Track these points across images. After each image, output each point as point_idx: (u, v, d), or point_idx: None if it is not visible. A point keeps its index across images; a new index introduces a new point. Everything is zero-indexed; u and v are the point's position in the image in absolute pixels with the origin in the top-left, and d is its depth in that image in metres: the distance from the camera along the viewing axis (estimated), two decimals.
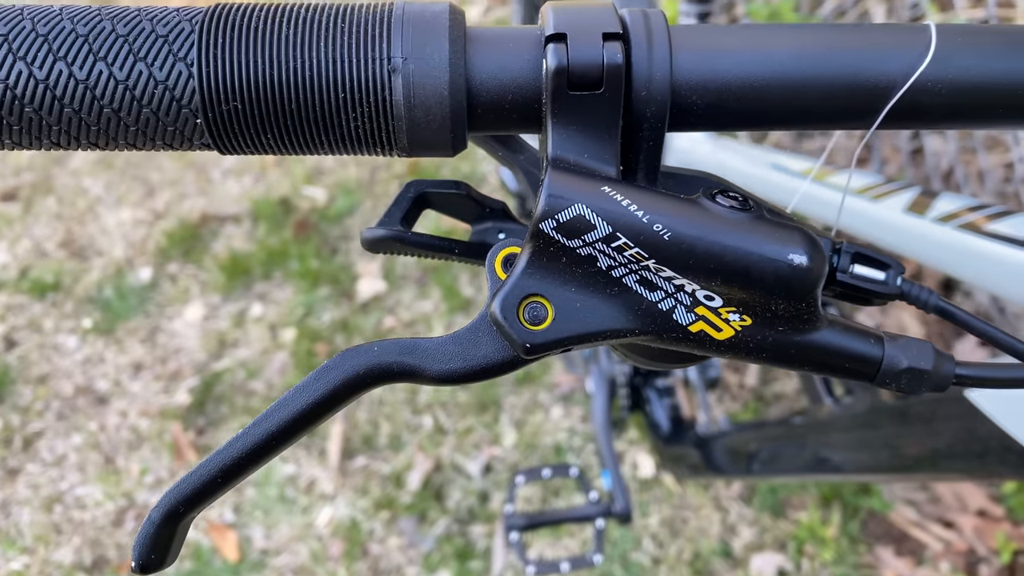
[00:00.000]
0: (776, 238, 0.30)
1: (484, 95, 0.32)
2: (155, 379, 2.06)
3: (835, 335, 0.33)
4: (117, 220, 2.43)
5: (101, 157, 2.62)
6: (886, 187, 0.81)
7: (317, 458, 1.86)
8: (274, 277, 2.20)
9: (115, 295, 2.23)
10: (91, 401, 2.04)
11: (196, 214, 2.39)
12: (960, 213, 0.72)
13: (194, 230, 2.35)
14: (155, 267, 2.28)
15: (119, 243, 2.36)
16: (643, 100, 0.31)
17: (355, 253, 2.23)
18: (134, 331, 2.16)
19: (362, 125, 0.31)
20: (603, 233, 0.31)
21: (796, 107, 0.33)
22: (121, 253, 2.34)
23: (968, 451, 0.72)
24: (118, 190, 2.51)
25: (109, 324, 2.18)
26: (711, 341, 0.33)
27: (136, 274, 2.28)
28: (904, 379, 0.33)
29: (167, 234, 2.34)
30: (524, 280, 0.32)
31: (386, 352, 0.33)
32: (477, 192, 0.43)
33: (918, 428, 0.82)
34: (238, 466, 0.32)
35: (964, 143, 1.65)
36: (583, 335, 0.32)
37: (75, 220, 2.45)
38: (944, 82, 0.32)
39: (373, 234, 0.41)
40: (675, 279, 0.31)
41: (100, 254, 2.35)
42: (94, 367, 2.11)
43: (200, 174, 2.52)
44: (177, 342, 2.12)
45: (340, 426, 1.89)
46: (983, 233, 0.68)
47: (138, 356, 2.11)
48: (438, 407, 1.91)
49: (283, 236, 2.28)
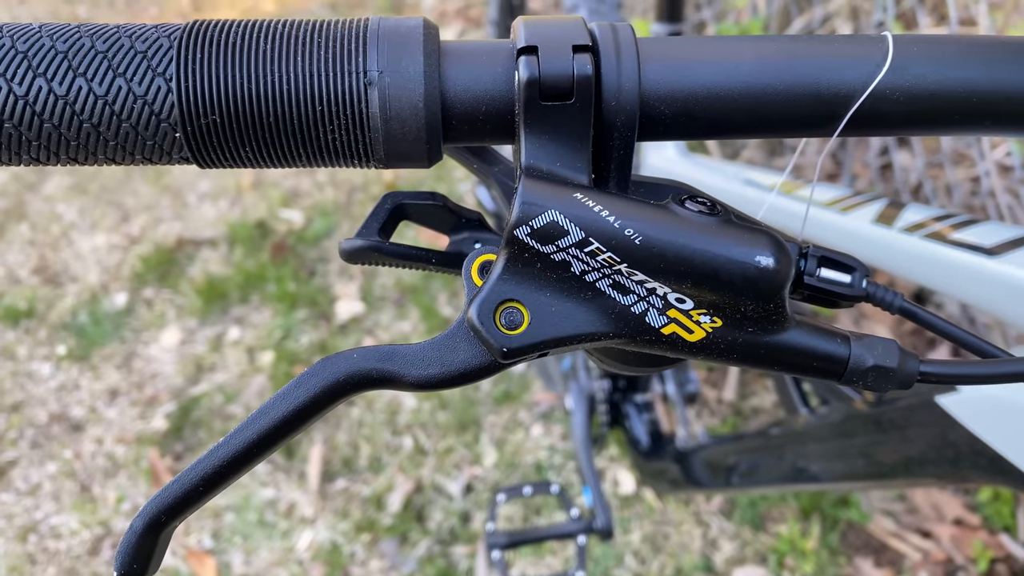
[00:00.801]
0: (743, 241, 0.31)
1: (458, 107, 0.33)
2: (131, 405, 2.04)
3: (803, 335, 0.34)
4: (92, 245, 2.41)
5: (75, 182, 2.61)
6: (854, 199, 0.83)
7: (297, 481, 1.84)
8: (251, 300, 2.20)
9: (90, 321, 2.21)
10: (66, 428, 2.02)
11: (172, 238, 2.38)
12: (926, 223, 0.74)
13: (170, 254, 2.34)
14: (130, 292, 2.27)
15: (94, 269, 2.35)
16: (613, 110, 0.32)
17: (333, 275, 2.22)
18: (109, 357, 2.14)
19: (339, 137, 0.32)
20: (576, 238, 0.32)
21: (760, 115, 0.34)
22: (96, 279, 2.32)
23: (941, 457, 0.73)
24: (92, 215, 2.50)
25: (84, 350, 2.16)
26: (683, 343, 0.34)
27: (111, 299, 2.26)
28: (870, 377, 0.34)
29: (142, 259, 2.33)
30: (500, 286, 0.33)
31: (365, 359, 0.33)
32: (453, 203, 0.44)
33: (892, 435, 0.83)
34: (219, 475, 0.33)
35: (932, 158, 1.68)
36: (559, 339, 0.33)
37: (49, 246, 2.43)
38: (901, 90, 0.33)
39: (351, 245, 0.41)
40: (647, 283, 0.32)
41: (74, 280, 2.33)
42: (69, 394, 2.09)
43: (176, 198, 2.51)
44: (153, 367, 2.11)
45: (320, 449, 1.88)
46: (949, 242, 0.70)
47: (114, 382, 2.09)
48: (418, 428, 1.90)
49: (260, 259, 2.27)
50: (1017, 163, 1.50)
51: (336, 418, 1.94)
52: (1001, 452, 0.64)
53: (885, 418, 0.84)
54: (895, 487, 1.48)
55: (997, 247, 0.66)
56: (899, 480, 0.85)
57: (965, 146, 1.62)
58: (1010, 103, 0.33)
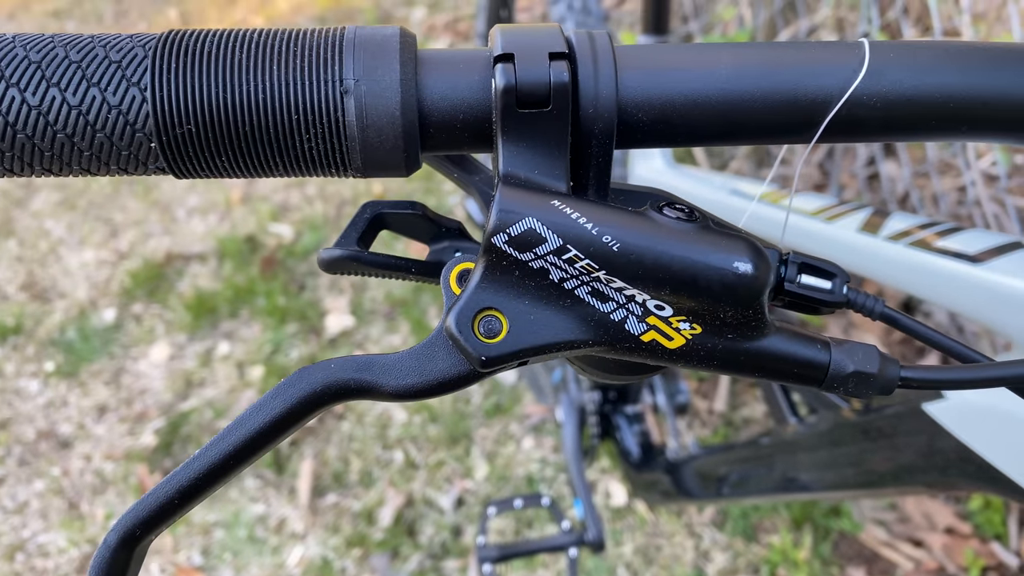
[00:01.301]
0: (721, 247, 0.31)
1: (435, 115, 0.33)
2: (120, 421, 2.02)
3: (783, 341, 0.34)
4: (80, 261, 2.40)
5: (64, 198, 2.60)
6: (839, 208, 0.83)
7: (287, 497, 1.83)
8: (241, 315, 2.19)
9: (78, 337, 2.20)
10: (54, 446, 2.00)
11: (161, 253, 2.37)
12: (911, 231, 0.74)
13: (159, 270, 2.33)
14: (119, 308, 2.26)
15: (82, 284, 2.33)
16: (590, 117, 0.32)
17: (323, 289, 2.22)
18: (98, 373, 2.13)
19: (316, 146, 0.32)
20: (554, 246, 0.31)
21: (738, 122, 0.34)
22: (84, 294, 2.31)
23: (930, 464, 0.73)
24: (81, 231, 2.49)
25: (72, 367, 2.15)
26: (663, 350, 0.34)
27: (100, 315, 2.25)
28: (851, 383, 0.34)
29: (131, 274, 2.32)
30: (478, 294, 0.33)
31: (343, 369, 0.33)
32: (433, 212, 0.44)
33: (881, 443, 0.83)
34: (196, 487, 0.32)
35: (918, 167, 1.69)
36: (538, 347, 0.33)
37: (37, 262, 2.42)
38: (879, 96, 0.33)
39: (330, 254, 0.41)
40: (626, 290, 0.32)
41: (63, 296, 2.32)
42: (57, 411, 2.07)
43: (165, 213, 2.51)
44: (142, 383, 2.09)
45: (310, 463, 1.87)
46: (933, 249, 0.70)
47: (102, 398, 2.08)
48: (409, 441, 1.90)
49: (250, 274, 2.26)
50: (1003, 172, 1.51)
51: (326, 432, 1.93)
52: (988, 459, 0.64)
53: (873, 426, 0.84)
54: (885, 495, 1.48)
55: (981, 254, 0.67)
56: (889, 488, 0.85)
57: (951, 155, 1.63)
58: (987, 109, 0.33)
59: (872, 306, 0.37)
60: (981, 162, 1.63)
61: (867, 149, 1.81)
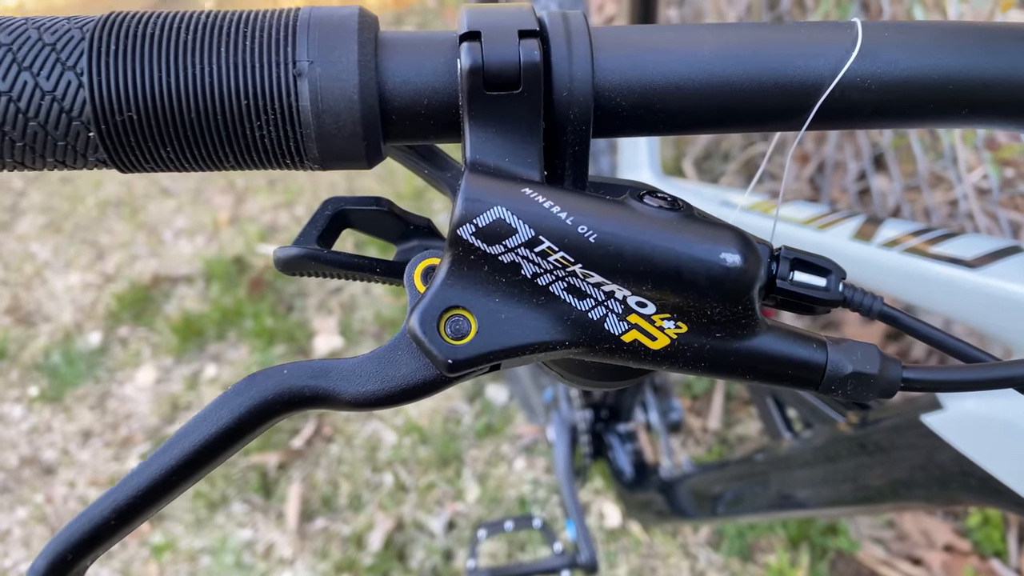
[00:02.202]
0: (707, 237, 0.29)
1: (398, 100, 0.30)
2: (105, 446, 1.99)
3: (776, 340, 0.32)
4: (66, 284, 2.37)
5: (49, 221, 2.57)
6: (832, 216, 0.81)
7: (275, 521, 1.80)
8: (228, 337, 2.16)
9: (63, 361, 2.17)
10: (37, 472, 1.96)
11: (147, 276, 2.35)
12: (905, 238, 0.72)
13: (145, 292, 2.30)
14: (105, 331, 2.23)
15: (68, 308, 2.30)
16: (565, 101, 0.30)
17: (311, 310, 2.19)
18: (83, 398, 2.10)
19: (268, 135, 0.30)
20: (525, 237, 0.29)
21: (723, 107, 0.32)
22: (70, 318, 2.28)
23: (930, 478, 0.71)
24: (67, 254, 2.46)
25: (57, 391, 2.11)
26: (646, 351, 0.31)
27: (85, 339, 2.22)
28: (850, 385, 0.32)
29: (118, 297, 2.29)
30: (444, 292, 0.30)
31: (296, 375, 0.30)
32: (400, 208, 0.42)
33: (878, 458, 0.81)
34: (134, 506, 0.30)
35: (909, 181, 1.68)
36: (510, 348, 0.31)
37: (21, 286, 2.39)
38: (873, 78, 0.31)
39: (286, 253, 0.39)
40: (604, 285, 0.30)
41: (48, 320, 2.29)
42: (40, 436, 2.04)
43: (151, 235, 2.48)
44: (128, 407, 2.06)
45: (298, 487, 1.83)
46: (929, 256, 0.68)
47: (87, 423, 2.04)
48: (399, 464, 1.86)
49: (237, 295, 2.24)
50: (994, 185, 1.50)
51: (315, 455, 1.90)
52: (990, 471, 0.62)
53: (870, 440, 0.82)
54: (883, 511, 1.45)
55: (978, 259, 0.65)
56: (887, 504, 0.83)
57: (942, 168, 1.62)
58: (988, 91, 0.31)
59: (870, 304, 0.35)
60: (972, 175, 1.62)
61: (857, 163, 1.80)
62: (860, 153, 1.79)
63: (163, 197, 2.62)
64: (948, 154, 1.55)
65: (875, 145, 1.75)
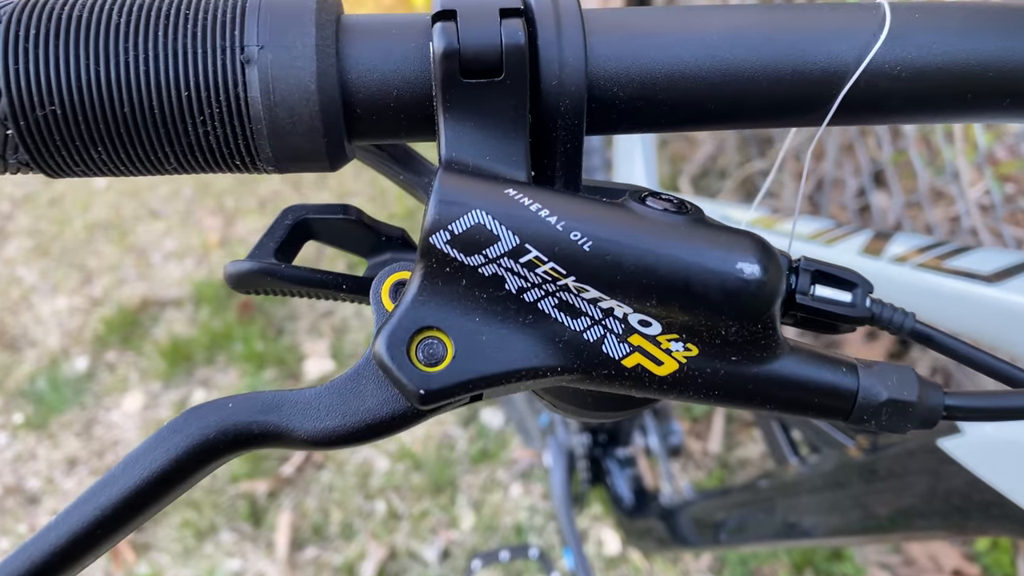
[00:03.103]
0: (721, 244, 0.25)
1: (363, 91, 0.27)
2: (91, 474, 1.93)
3: (800, 364, 0.28)
4: (52, 309, 2.33)
5: (36, 244, 2.54)
6: (839, 231, 0.78)
7: (264, 551, 1.74)
8: (217, 361, 2.11)
9: (49, 387, 2.12)
10: (21, 501, 1.91)
11: (136, 299, 2.30)
12: (916, 253, 0.69)
13: (134, 316, 2.26)
14: (92, 356, 2.18)
15: (54, 332, 2.26)
16: (554, 91, 0.27)
17: (302, 333, 2.15)
18: (69, 424, 2.05)
19: (214, 132, 0.26)
20: (509, 246, 0.25)
21: (734, 99, 0.28)
22: (56, 343, 2.23)
23: (948, 507, 0.67)
24: (54, 277, 2.42)
25: (42, 418, 2.06)
26: (651, 378, 0.27)
27: (72, 364, 2.17)
28: (885, 414, 0.28)
29: (105, 321, 2.25)
30: (415, 310, 0.26)
31: (243, 410, 0.26)
32: (370, 217, 0.38)
33: (891, 484, 0.77)
34: (51, 565, 0.25)
35: (910, 197, 1.65)
36: (492, 376, 0.26)
37: (7, 310, 2.34)
38: (903, 64, 0.28)
39: (238, 268, 0.35)
40: (602, 301, 0.26)
41: (33, 345, 2.24)
42: (25, 465, 1.98)
43: (140, 258, 2.44)
44: (115, 434, 2.01)
45: (288, 515, 1.78)
46: (943, 271, 0.65)
47: (72, 451, 1.99)
48: (391, 490, 1.82)
49: (227, 318, 2.19)
50: (997, 201, 1.47)
51: (305, 482, 1.85)
52: (1016, 500, 0.58)
53: (881, 466, 0.78)
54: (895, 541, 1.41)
55: (996, 274, 0.61)
56: (899, 533, 0.79)
57: (943, 184, 1.59)
58: None
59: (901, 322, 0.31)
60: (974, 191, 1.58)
61: (856, 179, 1.77)
62: (859, 169, 1.76)
63: (152, 219, 2.58)
64: (949, 169, 1.52)
65: (874, 161, 1.72)
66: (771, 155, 1.97)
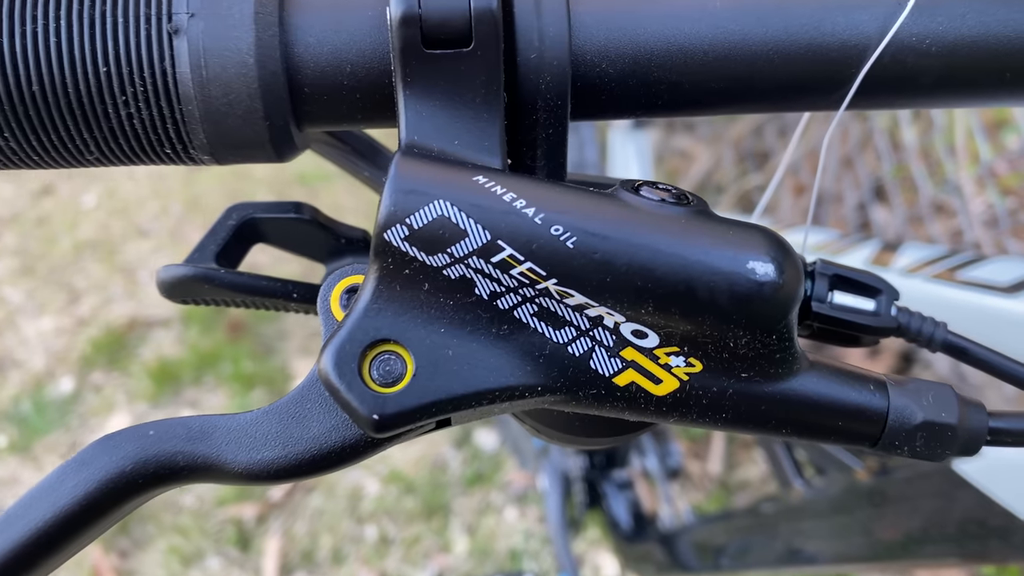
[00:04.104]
0: (729, 240, 0.21)
1: (311, 66, 0.23)
2: None
3: (821, 381, 0.24)
4: (38, 330, 2.29)
5: (23, 264, 2.50)
6: (844, 241, 0.74)
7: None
8: (206, 382, 2.07)
9: (33, 409, 2.07)
10: None
11: (123, 319, 2.26)
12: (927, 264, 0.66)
13: (121, 336, 2.22)
14: (78, 377, 2.14)
15: (39, 354, 2.22)
16: (533, 66, 0.23)
17: (292, 352, 2.11)
18: (53, 447, 2.00)
19: (138, 114, 0.22)
20: (478, 242, 0.21)
21: (740, 78, 0.24)
22: (42, 364, 2.19)
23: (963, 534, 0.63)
24: (40, 297, 2.38)
25: (26, 441, 2.01)
26: (648, 398, 0.23)
27: (57, 385, 2.13)
28: (920, 440, 0.24)
29: (92, 341, 2.21)
30: (368, 320, 0.22)
31: (166, 438, 0.22)
32: (327, 216, 0.34)
33: (902, 509, 0.74)
34: None
35: (911, 211, 1.62)
36: (460, 397, 0.22)
37: None
38: (933, 36, 0.24)
39: (171, 273, 0.31)
40: (589, 308, 0.22)
41: (18, 366, 2.20)
42: (7, 489, 1.93)
43: (128, 277, 2.41)
44: None
45: (277, 541, 1.74)
46: (957, 282, 0.61)
47: None
48: (383, 514, 1.77)
49: (215, 338, 2.16)
50: (1002, 213, 1.44)
51: (294, 506, 1.80)
52: None
53: (891, 489, 0.75)
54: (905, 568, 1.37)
55: (1014, 285, 0.58)
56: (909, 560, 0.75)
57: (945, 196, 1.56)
58: None
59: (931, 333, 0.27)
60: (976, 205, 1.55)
61: (857, 192, 1.74)
62: (859, 183, 1.73)
63: (140, 238, 2.55)
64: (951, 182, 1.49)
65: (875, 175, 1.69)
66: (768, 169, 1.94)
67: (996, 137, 1.73)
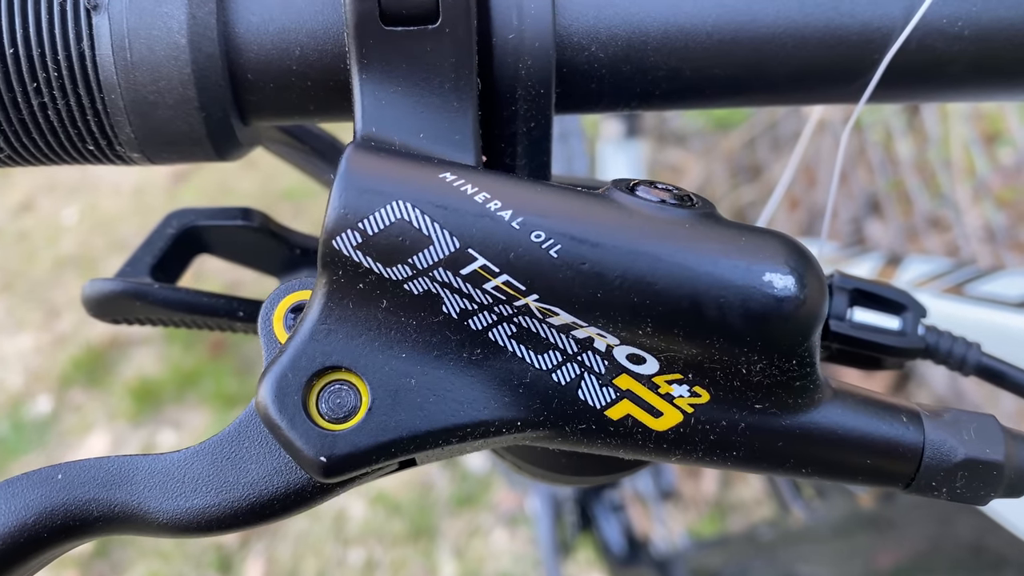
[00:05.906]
0: (741, 248, 0.18)
1: (255, 48, 0.19)
2: None
3: (847, 413, 0.20)
4: (16, 348, 2.25)
5: (1, 281, 2.46)
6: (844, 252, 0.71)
7: None
8: (187, 400, 2.04)
9: (10, 429, 2.03)
10: None
11: (104, 337, 2.22)
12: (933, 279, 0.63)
13: (101, 354, 2.18)
14: (57, 396, 2.10)
15: (17, 372, 2.18)
16: (512, 47, 0.19)
17: None
18: (30, 467, 1.95)
19: (52, 104, 0.19)
20: (445, 251, 0.18)
21: (748, 65, 0.21)
22: (20, 382, 2.15)
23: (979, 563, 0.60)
24: (19, 314, 2.34)
25: (1, 462, 1.97)
26: (646, 434, 0.20)
27: (35, 404, 2.09)
28: (960, 480, 0.21)
29: (71, 359, 2.17)
30: (316, 343, 0.19)
31: (77, 482, 0.19)
32: (279, 224, 0.30)
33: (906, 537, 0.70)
34: None
35: (906, 222, 1.60)
36: (424, 435, 0.19)
37: None
38: (966, 19, 0.21)
39: (97, 289, 0.27)
40: (576, 328, 0.18)
41: None
42: None
43: None
44: None
45: (260, 563, 1.70)
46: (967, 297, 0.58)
47: None
48: (369, 537, 1.73)
49: (197, 356, 2.12)
50: (1000, 228, 1.41)
51: (277, 529, 1.76)
52: None
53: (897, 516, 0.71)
54: None
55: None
56: None
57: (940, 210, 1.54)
58: None
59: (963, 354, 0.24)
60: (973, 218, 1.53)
61: (852, 203, 1.72)
62: (853, 196, 1.71)
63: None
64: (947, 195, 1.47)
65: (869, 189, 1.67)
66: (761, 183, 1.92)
67: (990, 150, 1.72)
